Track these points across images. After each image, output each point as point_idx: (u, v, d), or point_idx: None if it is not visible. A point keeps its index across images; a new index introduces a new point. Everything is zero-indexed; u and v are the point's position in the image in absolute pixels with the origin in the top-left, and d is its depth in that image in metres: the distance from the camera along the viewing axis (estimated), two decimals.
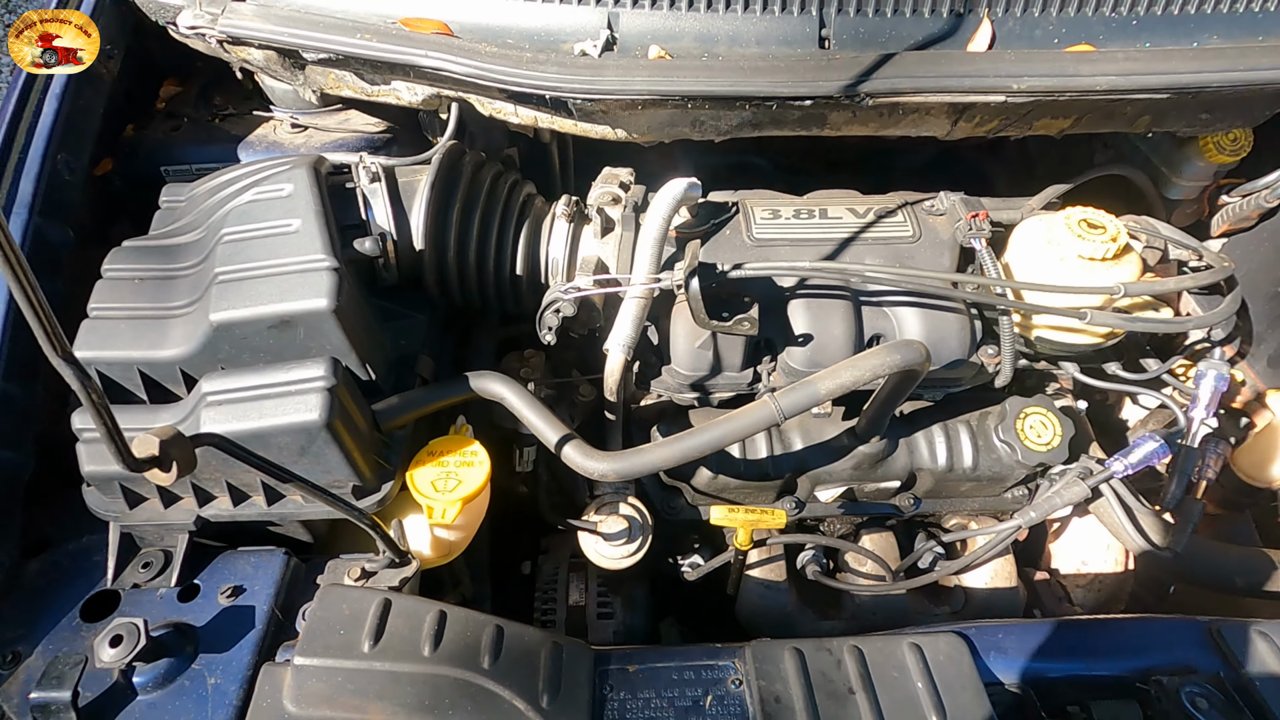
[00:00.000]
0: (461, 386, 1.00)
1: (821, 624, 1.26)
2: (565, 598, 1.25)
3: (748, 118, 1.05)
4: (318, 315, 0.89)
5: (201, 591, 0.92)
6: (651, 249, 1.06)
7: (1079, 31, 1.01)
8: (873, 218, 1.16)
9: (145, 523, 0.92)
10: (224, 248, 0.94)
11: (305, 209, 0.95)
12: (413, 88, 1.12)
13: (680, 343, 1.10)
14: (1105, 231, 1.06)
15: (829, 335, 1.09)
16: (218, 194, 1.04)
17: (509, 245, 1.13)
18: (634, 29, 1.01)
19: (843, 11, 1.01)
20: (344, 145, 1.30)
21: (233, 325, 0.90)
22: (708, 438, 0.92)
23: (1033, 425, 1.16)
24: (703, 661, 0.83)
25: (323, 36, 1.04)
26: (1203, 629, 0.87)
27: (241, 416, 0.85)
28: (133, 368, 0.94)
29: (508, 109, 1.10)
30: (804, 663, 0.82)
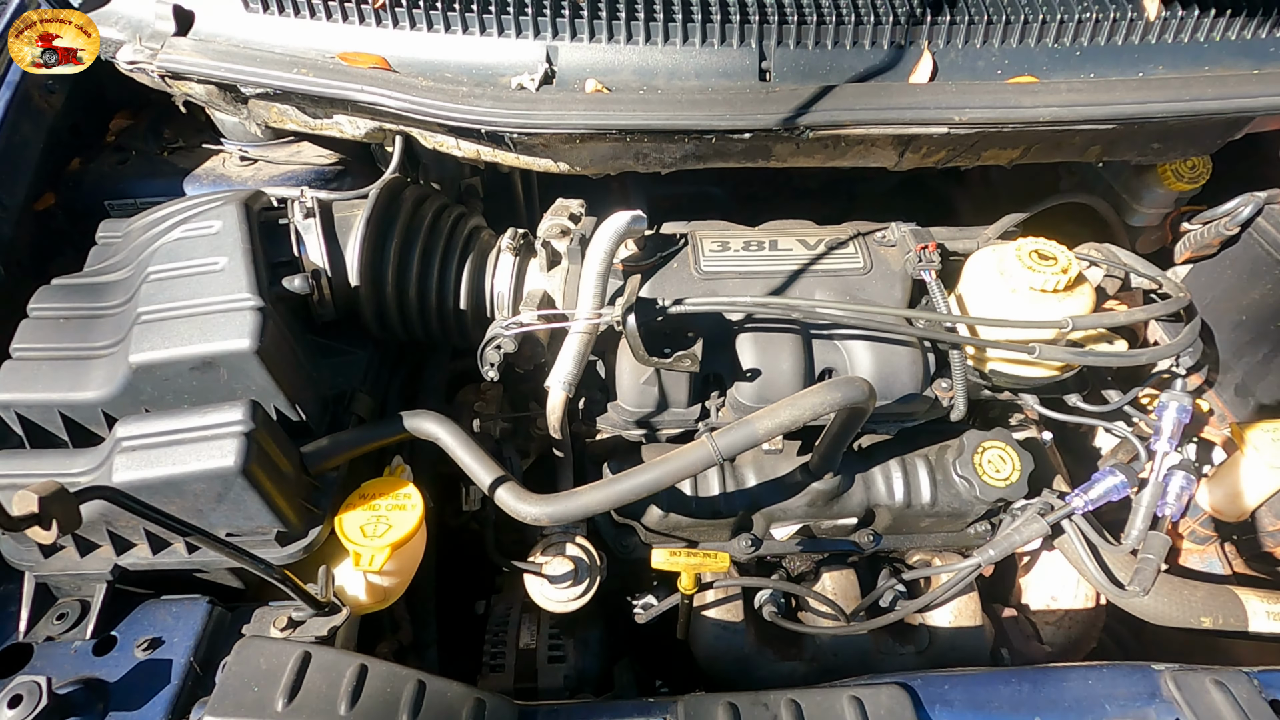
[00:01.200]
0: (394, 426, 0.97)
1: (781, 665, 1.22)
2: (515, 641, 1.21)
3: (690, 150, 1.04)
4: (240, 356, 0.86)
5: (118, 644, 0.88)
6: (594, 283, 1.04)
7: (1022, 63, 1.00)
8: (823, 249, 1.14)
9: (60, 572, 0.89)
10: (148, 287, 0.92)
11: (232, 246, 0.93)
12: (354, 121, 1.11)
13: (625, 379, 1.07)
14: (1056, 263, 1.04)
15: (777, 370, 1.06)
16: (150, 230, 1.02)
17: (452, 279, 1.11)
18: (573, 62, 1.00)
19: (783, 44, 0.99)
20: (292, 178, 1.29)
21: (153, 367, 0.87)
22: (644, 480, 0.89)
23: (991, 460, 1.13)
24: (633, 718, 0.79)
25: (260, 71, 1.03)
26: (1157, 678, 0.83)
27: (155, 463, 0.82)
28: (53, 410, 0.91)
29: (449, 142, 1.08)
30: (738, 718, 0.78)
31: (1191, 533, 1.26)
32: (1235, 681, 0.81)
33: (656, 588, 1.26)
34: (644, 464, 0.92)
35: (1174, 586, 1.13)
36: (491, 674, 1.18)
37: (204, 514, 0.86)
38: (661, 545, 1.20)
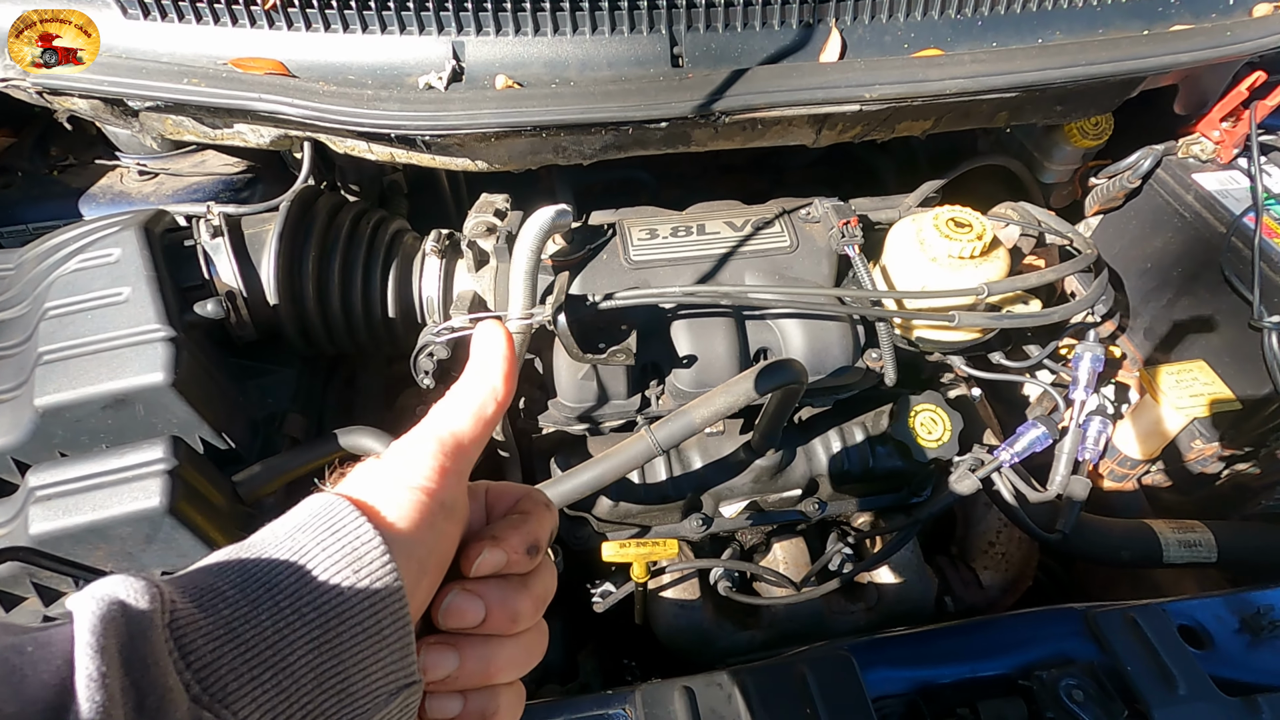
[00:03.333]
0: (329, 444, 0.95)
1: (740, 635, 1.27)
2: None
3: (610, 141, 1.03)
4: (155, 390, 0.83)
5: None
6: (523, 282, 1.02)
7: (927, 35, 1.01)
8: (750, 230, 1.15)
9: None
10: (47, 324, 0.87)
11: (135, 275, 0.89)
12: (257, 130, 1.06)
13: (563, 375, 1.07)
14: (971, 230, 1.08)
15: (713, 354, 1.08)
16: (44, 261, 0.96)
17: (376, 288, 1.08)
18: (481, 58, 0.97)
19: (693, 28, 0.99)
20: (199, 191, 1.23)
21: (61, 409, 0.83)
22: (586, 478, 0.90)
23: (923, 422, 1.18)
24: (592, 712, 0.81)
25: (147, 84, 0.97)
26: (1079, 617, 0.89)
27: (74, 510, 0.78)
28: None
29: (361, 146, 1.05)
30: (694, 701, 0.81)
31: (1111, 472, 1.35)
32: (1147, 614, 0.87)
33: (614, 574, 1.28)
34: (585, 462, 0.92)
35: (1094, 526, 1.20)
36: None
37: (134, 556, 0.83)
38: (614, 534, 1.22)
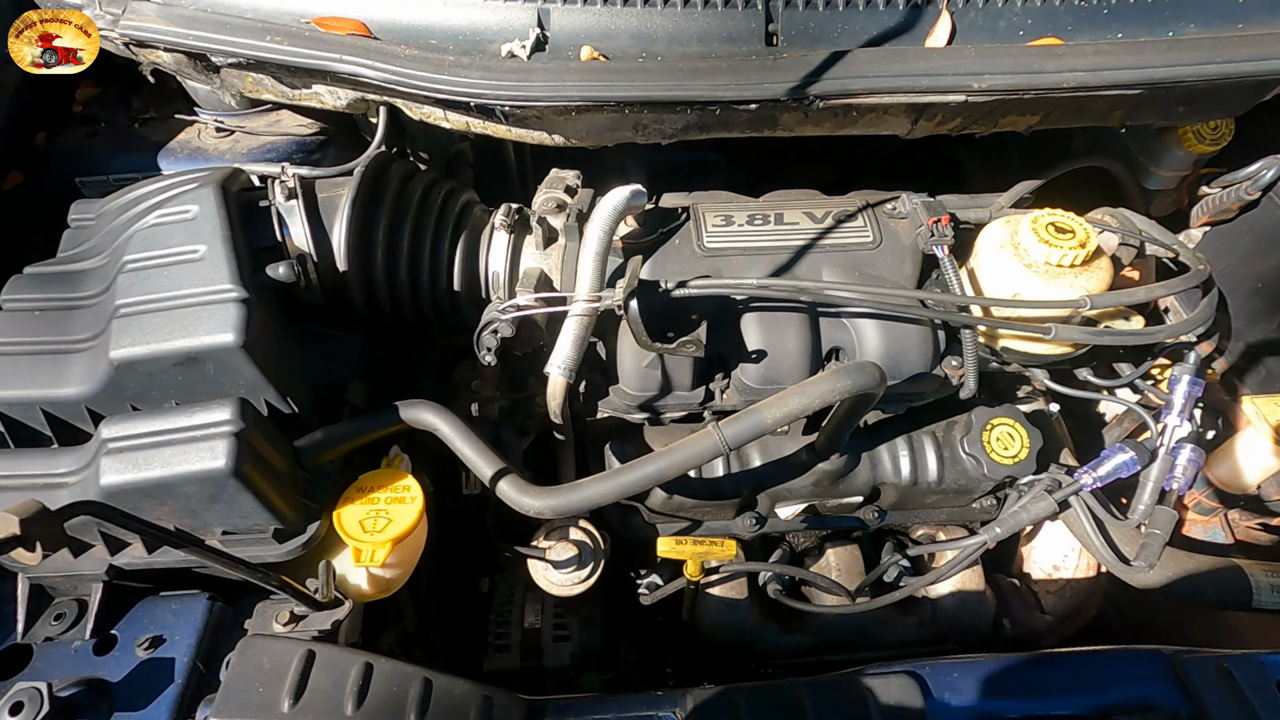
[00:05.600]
0: (390, 417, 0.94)
1: (785, 638, 1.23)
2: (520, 620, 1.21)
3: (693, 121, 0.98)
4: (226, 351, 0.82)
5: (119, 643, 0.87)
6: (592, 264, 0.99)
7: (1046, 22, 0.94)
8: (831, 223, 1.09)
9: (54, 574, 0.87)
10: (125, 277, 0.87)
11: (211, 233, 0.88)
12: (335, 92, 1.05)
13: (627, 362, 1.04)
14: (1074, 236, 1.00)
15: (784, 351, 1.03)
16: (124, 214, 0.97)
17: (444, 260, 1.06)
18: (566, 27, 0.94)
19: (791, 4, 0.93)
20: (272, 150, 1.23)
21: (135, 363, 0.83)
22: (648, 471, 0.87)
23: (999, 437, 1.12)
24: (641, 712, 0.79)
25: (230, 39, 0.96)
26: (1166, 662, 0.83)
27: (143, 465, 0.79)
28: (35, 407, 0.88)
29: (437, 114, 1.02)
30: (748, 710, 0.78)
31: (1197, 504, 1.26)
32: (1243, 666, 0.80)
33: (660, 565, 1.25)
34: (649, 455, 0.89)
35: (1179, 561, 1.12)
36: (497, 654, 1.19)
37: (198, 514, 0.83)
38: (664, 525, 1.20)
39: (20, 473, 0.85)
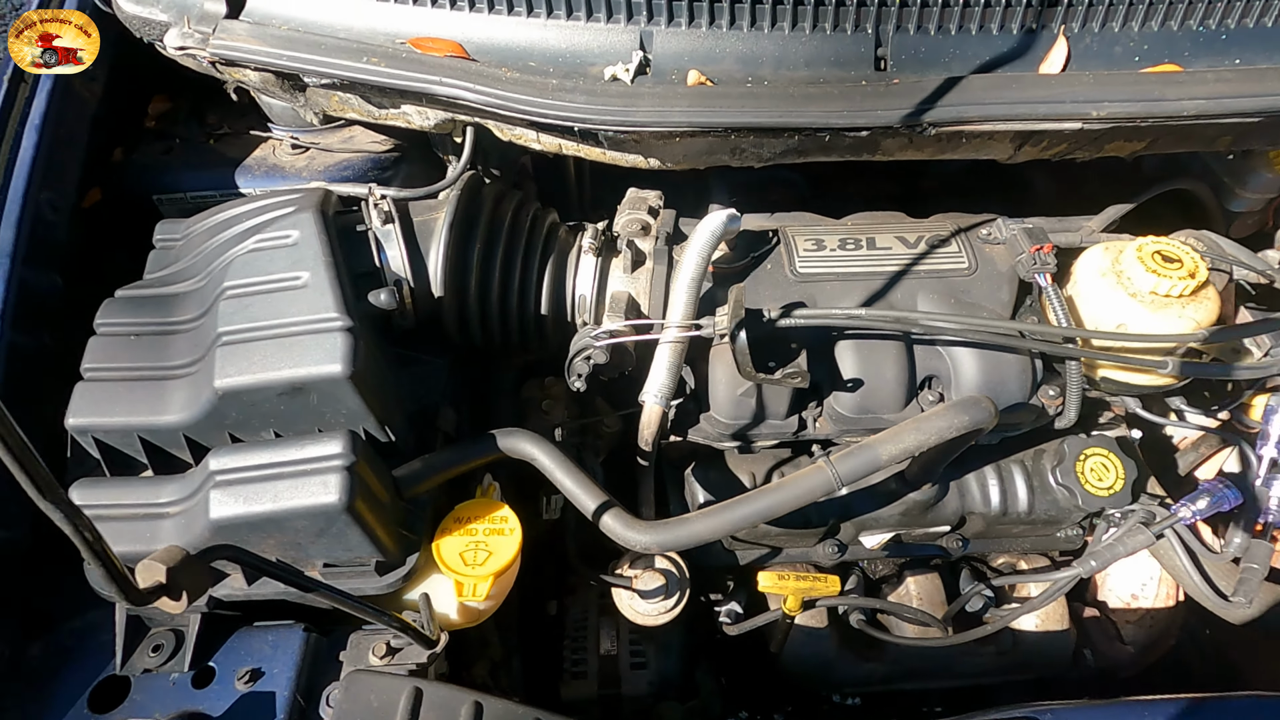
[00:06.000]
0: (488, 446, 0.93)
1: (861, 667, 1.21)
2: (596, 647, 1.19)
3: (794, 145, 0.96)
4: (332, 382, 0.81)
5: (217, 675, 0.85)
6: (688, 291, 0.97)
7: (1163, 48, 0.91)
8: (924, 248, 1.07)
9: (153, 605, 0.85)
10: (227, 304, 0.86)
11: (314, 260, 0.87)
12: (424, 112, 1.03)
13: (721, 390, 1.02)
14: (1181, 266, 0.98)
15: (880, 379, 1.01)
16: (217, 236, 0.96)
17: (533, 283, 1.05)
18: (669, 50, 0.92)
19: (902, 29, 0.91)
20: (349, 168, 1.21)
21: (239, 393, 0.82)
22: (758, 507, 0.85)
23: (1093, 467, 1.09)
24: None
25: (326, 60, 0.95)
26: None
27: (254, 498, 0.77)
28: (133, 434, 0.86)
29: (529, 135, 1.01)
30: None
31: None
32: None
33: (734, 590, 1.23)
34: (758, 490, 0.87)
35: (1273, 593, 1.10)
36: (574, 680, 1.17)
37: (302, 546, 0.82)
38: (745, 552, 1.18)
39: (123, 501, 0.84)
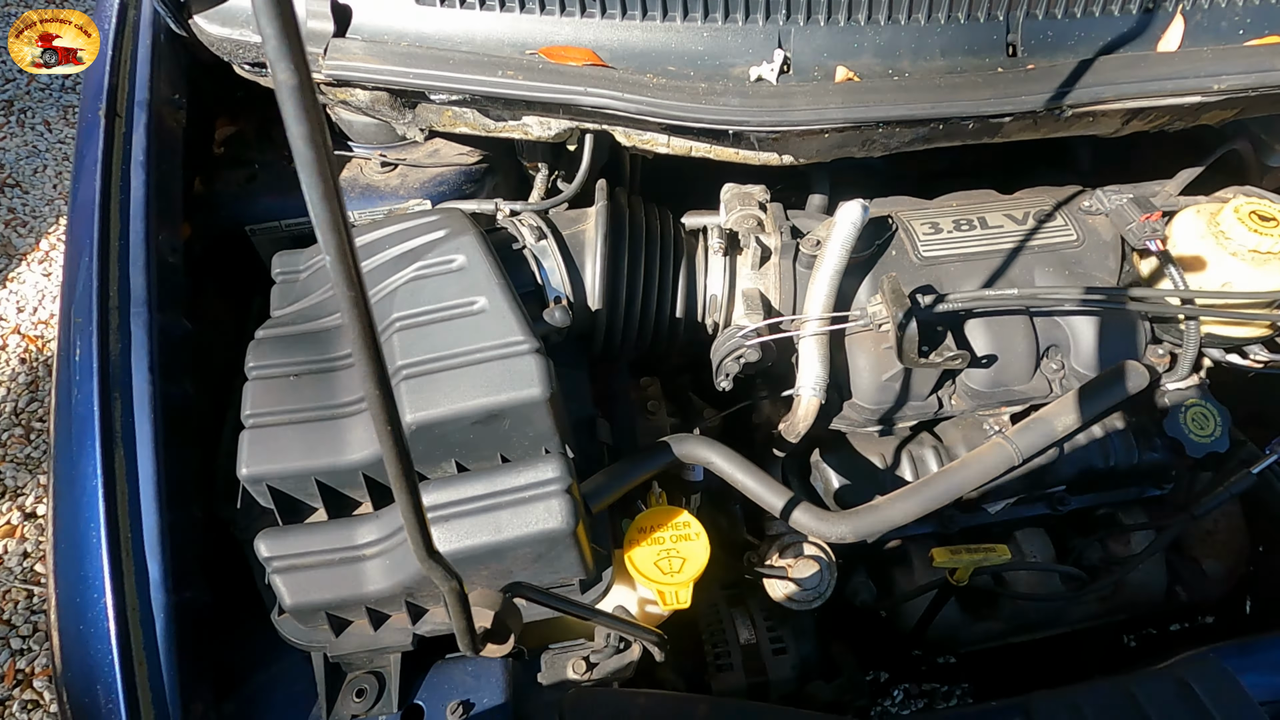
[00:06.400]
0: (664, 455, 0.93)
1: (980, 626, 1.27)
2: (735, 638, 1.22)
3: (922, 134, 0.99)
4: (531, 405, 0.80)
5: (426, 713, 0.84)
6: (831, 282, 1.00)
7: (1264, 21, 0.97)
8: (1033, 224, 1.12)
9: (357, 649, 0.83)
10: (401, 336, 0.84)
11: (486, 284, 0.85)
12: (547, 123, 1.01)
13: (865, 377, 1.05)
14: (1278, 224, 1.05)
15: (1012, 354, 1.06)
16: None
17: (670, 287, 1.05)
18: (809, 47, 0.93)
19: (1030, 15, 0.94)
20: (444, 182, 1.18)
21: (432, 425, 0.80)
22: (947, 487, 0.89)
23: (1194, 417, 1.16)
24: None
25: (456, 76, 0.92)
26: None
27: (475, 531, 0.76)
28: (309, 479, 0.83)
29: (659, 139, 1.00)
30: (1089, 711, 0.81)
31: None
32: None
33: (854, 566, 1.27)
34: (942, 471, 0.91)
35: None
36: (720, 673, 1.19)
37: (513, 574, 0.81)
38: None
39: (315, 549, 0.81)
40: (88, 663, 0.75)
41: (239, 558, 0.92)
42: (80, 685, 0.75)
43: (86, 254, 0.86)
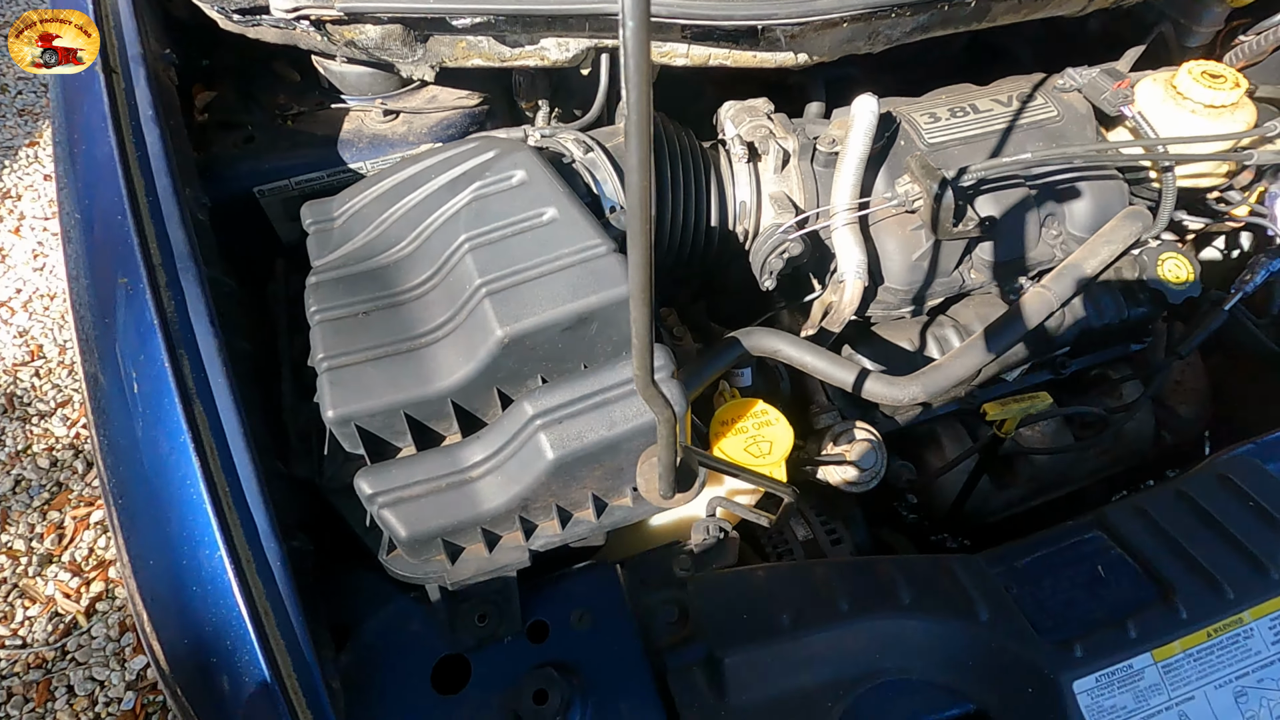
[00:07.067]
0: (735, 348, 0.96)
1: (1004, 493, 1.37)
2: (794, 535, 1.27)
3: (921, 22, 1.04)
4: (620, 304, 0.81)
5: (550, 629, 0.85)
6: (858, 171, 1.05)
7: None
8: (1018, 105, 1.20)
9: (475, 574, 0.83)
10: (475, 254, 0.83)
11: (552, 194, 0.85)
12: (565, 44, 1.01)
13: (895, 260, 1.11)
14: (1227, 80, 1.17)
15: (1020, 223, 1.14)
16: (404, 200, 0.90)
17: (705, 196, 1.07)
18: None
19: None
20: (452, 125, 1.16)
21: (524, 337, 0.80)
22: (1002, 339, 0.95)
23: (1170, 268, 1.29)
24: (1073, 539, 0.88)
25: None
26: None
27: (588, 430, 0.77)
28: (398, 413, 0.82)
29: (679, 51, 1.02)
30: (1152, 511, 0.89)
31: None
32: None
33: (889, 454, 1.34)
34: (989, 326, 0.97)
35: None
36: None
37: (623, 473, 0.83)
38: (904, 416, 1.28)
39: (419, 479, 0.80)
40: (205, 628, 0.72)
41: (319, 514, 0.89)
42: (201, 652, 0.72)
43: (119, 213, 0.81)
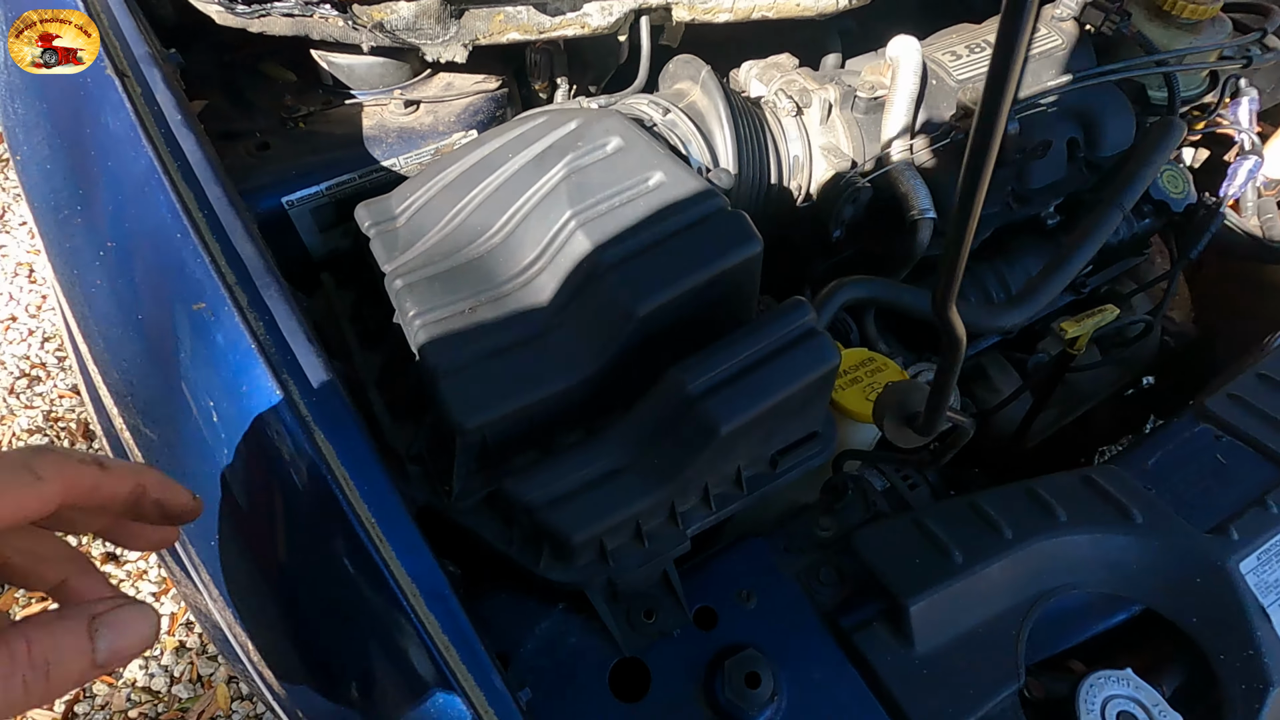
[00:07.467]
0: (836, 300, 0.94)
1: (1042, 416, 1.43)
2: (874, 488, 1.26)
3: None
4: (754, 260, 0.77)
5: (718, 614, 0.80)
6: (909, 111, 1.05)
7: None
8: None
9: (638, 567, 0.77)
10: (587, 229, 0.77)
11: (655, 158, 0.80)
12: (608, 7, 0.96)
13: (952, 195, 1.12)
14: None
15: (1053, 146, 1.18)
16: (481, 185, 0.83)
17: (767, 155, 1.04)
18: None
19: None
20: (479, 110, 1.08)
21: (660, 309, 0.75)
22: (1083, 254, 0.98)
23: (1169, 180, 1.37)
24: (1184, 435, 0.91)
25: None
26: None
27: (756, 395, 0.73)
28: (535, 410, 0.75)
29: (723, 5, 0.99)
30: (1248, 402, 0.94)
31: None
32: None
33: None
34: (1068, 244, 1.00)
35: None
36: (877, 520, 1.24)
37: (774, 434, 0.79)
38: None
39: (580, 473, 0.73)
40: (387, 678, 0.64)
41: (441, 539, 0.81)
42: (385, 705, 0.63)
43: (176, 231, 0.70)
